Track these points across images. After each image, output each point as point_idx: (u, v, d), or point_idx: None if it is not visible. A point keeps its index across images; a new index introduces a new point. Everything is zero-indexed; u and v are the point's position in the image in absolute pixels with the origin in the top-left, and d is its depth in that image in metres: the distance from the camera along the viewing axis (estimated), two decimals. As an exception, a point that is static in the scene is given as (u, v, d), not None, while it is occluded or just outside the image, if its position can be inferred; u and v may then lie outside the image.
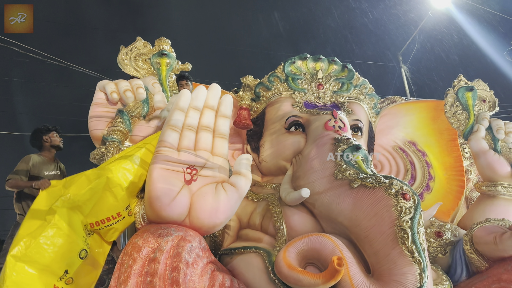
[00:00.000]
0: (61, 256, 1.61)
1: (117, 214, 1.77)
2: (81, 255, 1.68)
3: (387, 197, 1.67)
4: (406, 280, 1.49)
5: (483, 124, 2.59)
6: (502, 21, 7.91)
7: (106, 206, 1.74)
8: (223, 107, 1.97)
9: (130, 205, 1.83)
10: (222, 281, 1.59)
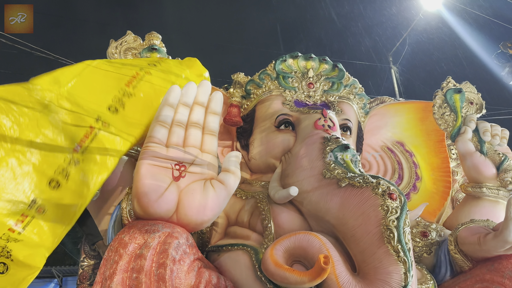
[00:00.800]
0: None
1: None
2: (51, 184, 1.53)
3: (374, 196, 1.68)
4: (391, 279, 1.51)
5: (470, 126, 2.62)
6: (491, 24, 8.03)
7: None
8: (213, 103, 1.97)
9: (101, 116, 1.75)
10: (208, 278, 1.59)
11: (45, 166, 1.52)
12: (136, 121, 1.86)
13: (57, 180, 1.53)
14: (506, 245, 1.78)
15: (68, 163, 1.57)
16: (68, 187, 1.57)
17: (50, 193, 1.51)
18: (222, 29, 10.53)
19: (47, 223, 1.50)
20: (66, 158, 1.57)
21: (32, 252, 1.46)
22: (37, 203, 1.47)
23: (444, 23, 9.31)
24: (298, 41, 7.37)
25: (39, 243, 1.48)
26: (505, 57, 7.45)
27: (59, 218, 1.55)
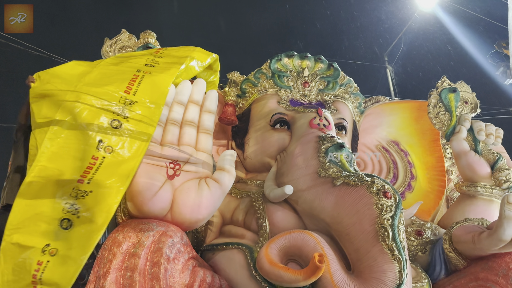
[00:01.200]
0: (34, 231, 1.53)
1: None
2: (63, 225, 1.53)
3: (368, 195, 1.68)
4: (386, 278, 1.51)
5: (464, 125, 2.63)
6: (486, 24, 8.04)
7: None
8: (208, 102, 1.96)
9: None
10: (203, 277, 1.58)
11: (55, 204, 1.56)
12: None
13: (68, 218, 1.55)
14: (500, 243, 1.78)
15: (75, 197, 1.57)
16: (80, 223, 1.56)
17: (63, 234, 1.54)
18: (218, 29, 10.50)
19: (62, 261, 1.51)
20: (72, 193, 1.57)
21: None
22: (50, 247, 1.51)
23: (439, 23, 9.33)
24: (294, 41, 7.35)
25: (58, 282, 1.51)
26: (500, 57, 7.48)
27: (74, 251, 1.54)
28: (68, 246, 1.50)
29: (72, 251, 1.49)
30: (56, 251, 1.49)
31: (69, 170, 1.56)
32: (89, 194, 1.55)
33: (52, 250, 1.49)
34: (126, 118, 1.67)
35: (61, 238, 1.51)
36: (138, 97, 1.74)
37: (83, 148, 1.59)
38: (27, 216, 1.52)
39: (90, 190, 1.55)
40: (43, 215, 1.52)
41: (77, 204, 1.54)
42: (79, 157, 1.58)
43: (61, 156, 1.57)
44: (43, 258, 1.47)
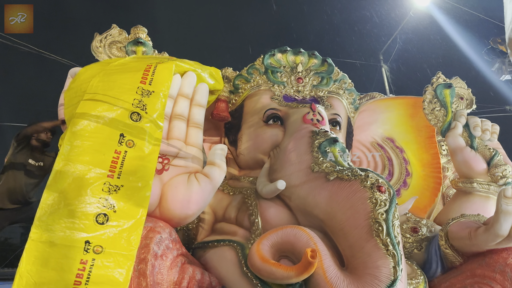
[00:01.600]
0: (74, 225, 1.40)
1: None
2: (99, 220, 1.44)
3: (362, 189, 1.64)
4: (380, 273, 1.47)
5: (460, 121, 2.59)
6: (481, 21, 8.05)
7: None
8: (198, 96, 1.92)
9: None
10: (192, 274, 1.54)
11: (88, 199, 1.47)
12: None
13: (104, 213, 1.46)
14: (497, 238, 1.75)
15: (108, 191, 1.50)
16: (118, 218, 1.48)
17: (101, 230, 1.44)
18: (214, 28, 10.50)
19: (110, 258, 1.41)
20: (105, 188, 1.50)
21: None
22: (92, 244, 1.40)
23: (434, 21, 9.35)
24: (288, 39, 7.33)
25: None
26: (495, 53, 7.49)
27: (119, 247, 1.45)
28: (111, 242, 1.42)
29: (117, 247, 1.41)
30: (101, 249, 1.39)
31: (97, 164, 1.51)
32: (121, 189, 1.50)
33: (97, 248, 1.39)
34: (145, 109, 1.65)
35: (99, 235, 1.41)
36: (154, 86, 1.72)
37: (106, 142, 1.55)
38: (59, 211, 1.41)
39: (121, 184, 1.51)
40: (77, 210, 1.42)
41: (112, 198, 1.48)
42: (102, 151, 1.54)
43: (86, 150, 1.52)
44: (86, 257, 1.36)
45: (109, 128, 1.57)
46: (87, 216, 1.41)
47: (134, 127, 1.60)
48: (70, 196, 1.44)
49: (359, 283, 1.46)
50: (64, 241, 1.36)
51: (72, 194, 1.44)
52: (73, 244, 1.36)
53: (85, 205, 1.42)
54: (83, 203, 1.42)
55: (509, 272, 1.74)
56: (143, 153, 1.59)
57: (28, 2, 4.29)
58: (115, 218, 1.45)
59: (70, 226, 1.38)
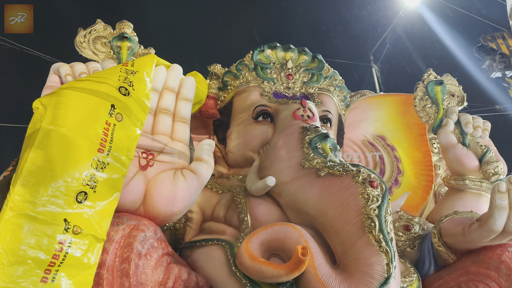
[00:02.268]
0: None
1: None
2: (79, 198, 1.30)
3: (354, 184, 1.59)
4: (373, 271, 1.41)
5: (452, 118, 2.57)
6: (471, 20, 8.12)
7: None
8: (185, 89, 1.85)
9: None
10: (178, 274, 1.47)
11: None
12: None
13: (85, 191, 1.33)
14: (491, 234, 1.71)
15: (96, 168, 1.36)
16: (94, 199, 1.36)
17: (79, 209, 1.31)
18: (203, 26, 10.46)
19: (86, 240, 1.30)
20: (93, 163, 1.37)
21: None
22: (71, 224, 1.27)
23: (424, 21, 9.40)
24: (278, 40, 7.36)
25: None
26: (486, 51, 7.56)
27: (91, 229, 1.33)
28: (87, 223, 1.30)
29: (89, 229, 1.30)
30: (80, 230, 1.27)
31: (90, 131, 1.36)
32: (107, 167, 1.38)
33: (76, 229, 1.26)
34: (132, 86, 1.54)
35: (76, 214, 1.28)
36: (137, 67, 1.63)
37: (97, 109, 1.41)
38: (46, 180, 1.25)
39: (108, 162, 1.39)
40: (62, 183, 1.27)
41: (96, 176, 1.34)
42: (95, 118, 1.39)
43: (77, 114, 1.36)
44: (65, 237, 1.23)
45: (98, 98, 1.42)
46: (69, 192, 1.27)
47: (123, 101, 1.48)
48: (57, 164, 1.28)
49: (352, 281, 1.41)
50: (46, 217, 1.22)
51: (60, 163, 1.29)
52: (54, 221, 1.23)
53: (71, 179, 1.28)
54: (70, 176, 1.28)
55: (504, 269, 1.70)
56: (128, 131, 1.48)
57: (28, 2, 4.26)
58: (92, 198, 1.33)
59: (53, 201, 1.24)
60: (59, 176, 1.27)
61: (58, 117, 1.33)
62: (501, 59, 7.72)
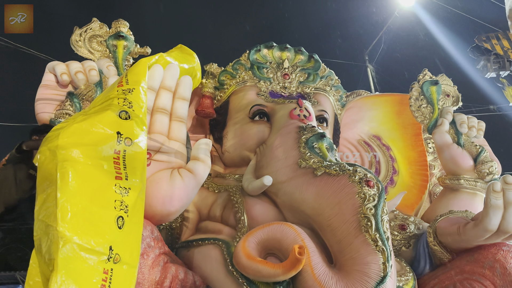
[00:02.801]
0: (97, 229, 1.24)
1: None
2: (119, 223, 1.30)
3: (350, 184, 1.60)
4: (370, 270, 1.42)
5: (447, 118, 2.59)
6: (466, 20, 8.16)
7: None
8: (182, 89, 1.85)
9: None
10: (175, 273, 1.48)
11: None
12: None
13: (121, 216, 1.32)
14: (486, 233, 1.72)
15: (120, 194, 1.36)
16: (129, 223, 1.34)
17: (120, 236, 1.29)
18: (202, 29, 10.46)
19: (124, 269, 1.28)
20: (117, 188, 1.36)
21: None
22: (114, 251, 1.24)
23: (419, 21, 9.44)
24: (275, 39, 7.37)
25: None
26: (480, 51, 7.61)
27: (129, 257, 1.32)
28: (125, 250, 1.27)
29: (127, 256, 1.28)
30: (119, 258, 1.24)
31: (103, 163, 1.36)
32: (130, 192, 1.37)
33: (116, 257, 1.23)
34: (131, 107, 1.51)
35: (118, 240, 1.26)
36: (132, 84, 1.59)
37: (103, 142, 1.39)
38: (83, 212, 1.24)
39: (129, 186, 1.38)
40: (98, 211, 1.26)
41: (125, 201, 1.34)
42: (102, 152, 1.38)
43: (87, 150, 1.35)
44: (108, 266, 1.20)
45: (104, 130, 1.41)
46: (108, 218, 1.26)
47: (126, 125, 1.46)
48: (89, 190, 1.28)
49: (348, 280, 1.42)
50: (91, 244, 1.20)
51: (88, 196, 1.27)
52: (99, 250, 1.20)
53: (102, 208, 1.28)
54: (100, 205, 1.28)
55: (498, 268, 1.71)
56: (140, 149, 1.47)
57: (28, 2, 4.24)
58: (128, 222, 1.32)
59: (93, 227, 1.23)
60: (92, 206, 1.26)
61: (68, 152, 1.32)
62: (496, 60, 7.77)
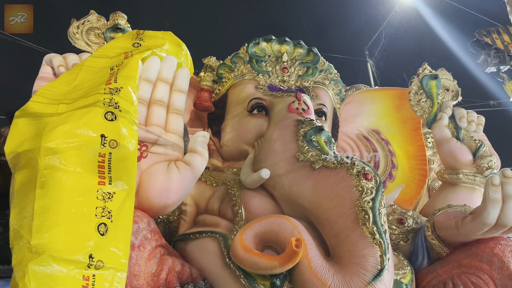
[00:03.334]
0: (76, 239, 1.22)
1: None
2: (101, 230, 1.26)
3: (348, 177, 1.60)
4: (367, 263, 1.42)
5: (446, 113, 2.58)
6: (466, 15, 8.11)
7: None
8: (179, 80, 1.83)
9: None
10: (172, 265, 1.47)
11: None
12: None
13: (104, 223, 1.28)
14: (484, 227, 1.72)
15: (103, 200, 1.32)
16: (114, 228, 1.31)
17: (102, 242, 1.25)
18: (200, 22, 10.40)
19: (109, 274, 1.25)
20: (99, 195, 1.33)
21: None
22: (95, 259, 1.22)
23: (419, 15, 9.40)
24: (274, 33, 7.35)
25: None
26: (480, 45, 7.60)
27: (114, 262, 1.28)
28: (109, 255, 1.25)
29: (112, 260, 1.25)
30: (102, 264, 1.22)
31: (85, 168, 1.32)
32: (114, 196, 1.34)
33: (99, 263, 1.21)
34: (118, 107, 1.46)
35: (100, 247, 1.23)
36: (120, 82, 1.54)
37: (88, 145, 1.35)
38: (61, 223, 1.21)
39: (114, 191, 1.34)
40: (77, 220, 1.23)
41: (108, 207, 1.30)
42: (87, 156, 1.34)
43: (70, 156, 1.31)
44: (88, 273, 1.18)
45: (87, 132, 1.36)
46: (88, 227, 1.23)
47: (112, 127, 1.41)
48: (65, 207, 1.24)
49: (345, 272, 1.42)
50: (67, 255, 1.17)
51: (67, 206, 1.24)
52: (76, 259, 1.18)
53: (82, 217, 1.24)
54: (80, 214, 1.24)
55: (496, 262, 1.71)
56: (127, 151, 1.42)
57: (28, 2, 4.22)
58: (113, 227, 1.29)
59: (71, 237, 1.20)
60: (71, 211, 1.23)
61: (53, 164, 1.28)
62: (496, 54, 7.76)
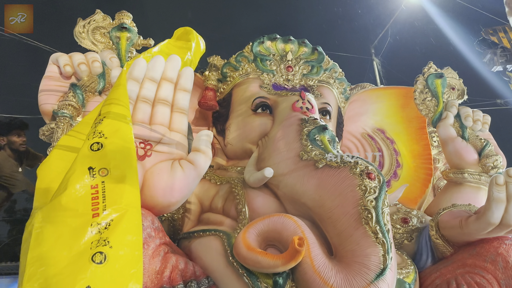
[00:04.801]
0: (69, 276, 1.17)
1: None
2: (96, 260, 1.21)
3: (351, 176, 1.60)
4: (369, 262, 1.42)
5: (451, 111, 2.57)
6: (473, 13, 8.05)
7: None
8: (183, 80, 1.84)
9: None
10: (175, 263, 1.48)
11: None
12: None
13: (100, 251, 1.23)
14: (488, 227, 1.71)
15: (99, 232, 1.27)
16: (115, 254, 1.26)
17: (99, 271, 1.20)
18: (205, 21, 10.44)
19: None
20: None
21: None
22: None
23: (426, 14, 9.35)
24: (280, 32, 7.36)
25: None
26: (487, 44, 7.54)
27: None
28: (110, 281, 1.20)
29: (114, 284, 1.21)
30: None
31: (79, 208, 1.29)
32: (111, 223, 1.29)
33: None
34: (103, 136, 1.43)
35: (98, 276, 1.19)
36: (102, 113, 1.52)
37: (77, 181, 1.32)
38: (55, 266, 1.17)
39: (110, 217, 1.29)
40: (70, 257, 1.20)
41: (104, 236, 1.25)
42: (78, 192, 1.31)
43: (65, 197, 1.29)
44: None
45: (74, 168, 1.34)
46: (83, 261, 1.19)
47: (99, 157, 1.38)
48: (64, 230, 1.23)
49: (348, 271, 1.42)
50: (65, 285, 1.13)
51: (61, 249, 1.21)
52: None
53: (76, 254, 1.21)
54: (75, 251, 1.21)
55: (500, 262, 1.70)
56: (121, 174, 1.39)
57: (28, 2, 4.26)
58: (113, 253, 1.23)
59: (64, 279, 1.15)
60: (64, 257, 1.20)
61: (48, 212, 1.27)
62: (502, 53, 7.71)
